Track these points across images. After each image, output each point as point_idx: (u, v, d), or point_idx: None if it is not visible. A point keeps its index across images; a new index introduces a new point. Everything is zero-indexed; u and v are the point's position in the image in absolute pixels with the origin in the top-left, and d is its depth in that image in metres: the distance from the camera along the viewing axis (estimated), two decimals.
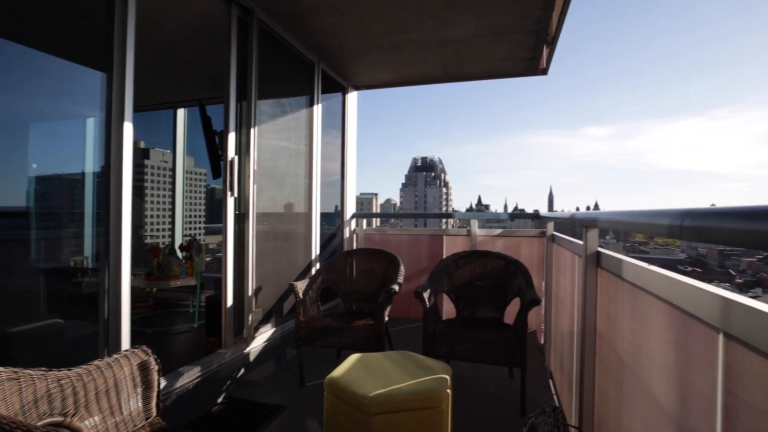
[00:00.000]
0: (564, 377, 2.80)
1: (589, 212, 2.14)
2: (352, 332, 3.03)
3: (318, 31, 3.73)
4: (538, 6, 3.31)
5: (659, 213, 1.23)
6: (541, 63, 4.55)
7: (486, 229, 4.75)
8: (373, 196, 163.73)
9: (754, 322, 0.84)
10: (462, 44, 4.04)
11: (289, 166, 3.93)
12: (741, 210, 0.81)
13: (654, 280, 1.38)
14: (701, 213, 0.98)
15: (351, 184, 5.12)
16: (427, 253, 4.91)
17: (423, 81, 5.09)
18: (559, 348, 3.18)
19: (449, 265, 3.44)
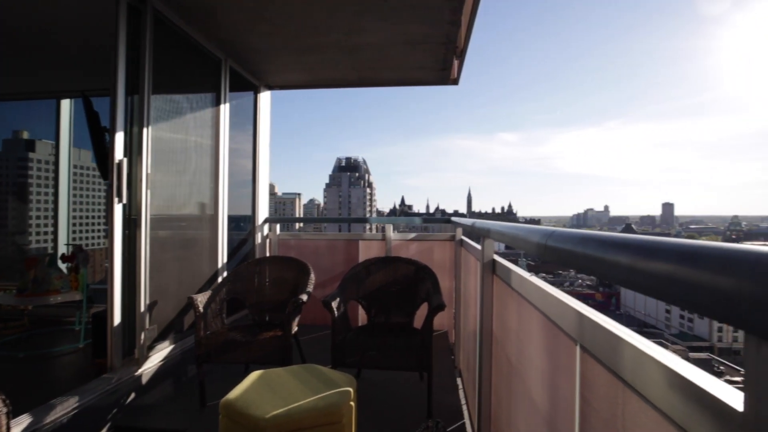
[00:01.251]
0: (470, 377, 2.93)
1: (485, 222, 2.25)
2: (259, 346, 2.89)
3: (224, 26, 3.52)
4: (446, 20, 3.43)
5: (533, 230, 1.31)
6: (452, 73, 4.75)
7: (400, 233, 4.84)
8: (297, 196, 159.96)
9: (599, 337, 0.92)
10: (377, 51, 4.06)
11: (192, 168, 3.66)
12: (595, 237, 0.88)
13: (532, 290, 1.47)
14: (560, 235, 1.06)
15: (263, 187, 4.92)
16: (343, 258, 4.87)
17: (339, 84, 5.05)
18: (466, 348, 3.32)
19: (360, 272, 3.43)
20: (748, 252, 0.43)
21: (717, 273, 0.46)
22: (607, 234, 0.81)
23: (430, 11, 3.29)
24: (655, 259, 0.59)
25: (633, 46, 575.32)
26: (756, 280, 0.40)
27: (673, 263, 0.54)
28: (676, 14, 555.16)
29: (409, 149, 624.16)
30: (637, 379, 0.75)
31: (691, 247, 0.54)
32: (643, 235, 0.68)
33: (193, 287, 3.58)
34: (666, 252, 0.58)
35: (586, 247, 0.88)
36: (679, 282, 0.52)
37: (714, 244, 0.51)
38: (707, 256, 0.49)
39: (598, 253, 0.79)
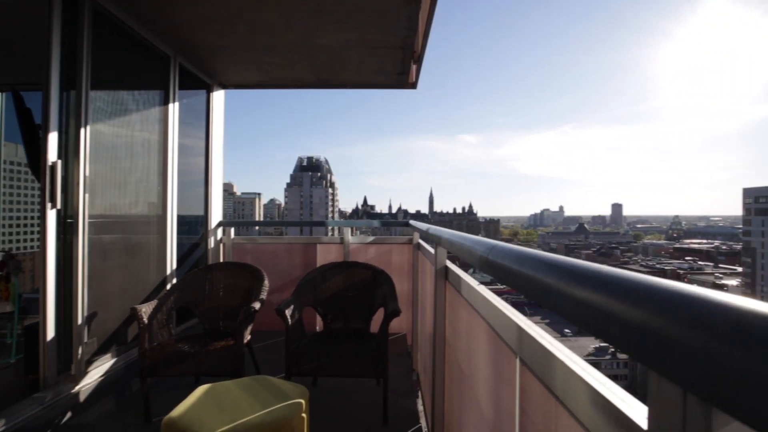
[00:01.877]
0: (426, 380, 2.95)
1: (438, 229, 2.27)
2: (209, 357, 2.78)
3: (172, 23, 3.37)
4: (403, 26, 3.44)
5: (478, 242, 1.33)
6: (411, 77, 4.78)
7: (359, 237, 4.82)
8: (256, 195, 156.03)
9: (536, 351, 0.94)
10: (335, 53, 4.02)
11: (138, 169, 3.47)
12: (531, 256, 0.89)
13: (479, 299, 1.50)
14: (500, 251, 1.07)
15: (217, 188, 4.75)
16: (300, 262, 4.79)
17: (296, 85, 4.96)
18: (424, 352, 3.35)
19: (316, 278, 3.38)
20: (659, 288, 0.44)
21: (627, 305, 0.47)
22: (544, 255, 0.82)
23: (387, 17, 3.28)
24: (577, 285, 0.60)
25: (582, 57, 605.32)
26: (664, 317, 0.41)
27: (591, 290, 0.56)
28: (621, 27, 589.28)
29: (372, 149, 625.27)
30: (567, 394, 0.77)
31: (608, 276, 0.55)
32: (583, 261, 0.69)
33: (138, 296, 3.40)
34: (587, 278, 0.60)
35: (522, 265, 0.89)
36: (593, 310, 0.53)
37: (631, 275, 0.52)
38: (620, 286, 0.51)
39: (531, 272, 0.81)
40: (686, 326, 0.37)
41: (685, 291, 0.41)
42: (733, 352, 0.32)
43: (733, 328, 0.33)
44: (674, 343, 0.38)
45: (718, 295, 0.38)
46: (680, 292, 0.41)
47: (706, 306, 0.37)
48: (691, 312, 0.37)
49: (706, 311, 0.36)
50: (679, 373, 0.38)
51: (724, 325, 0.34)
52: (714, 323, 0.35)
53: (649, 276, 0.50)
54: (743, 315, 0.33)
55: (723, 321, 0.34)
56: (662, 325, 0.40)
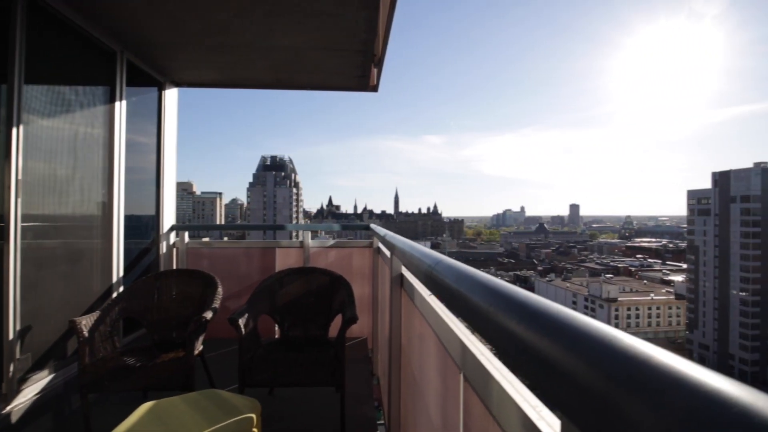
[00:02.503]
0: (385, 386, 2.94)
1: (394, 237, 2.26)
2: (157, 370, 2.64)
3: (117, 17, 3.19)
4: (362, 29, 3.42)
5: (426, 255, 1.32)
6: (372, 80, 4.76)
7: (320, 240, 4.76)
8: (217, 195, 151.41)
9: (477, 369, 0.94)
10: (293, 54, 3.94)
11: (81, 169, 3.26)
12: (469, 276, 0.89)
13: (429, 310, 1.50)
14: (444, 266, 1.07)
15: (169, 190, 4.55)
16: (259, 267, 4.66)
17: (254, 85, 4.83)
18: (383, 357, 3.34)
19: (272, 285, 3.30)
20: (575, 327, 0.44)
21: (548, 340, 0.47)
22: (480, 276, 0.81)
23: (345, 20, 3.25)
24: (506, 313, 0.60)
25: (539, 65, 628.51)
26: (571, 359, 0.40)
27: (515, 319, 0.55)
28: (574, 38, 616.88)
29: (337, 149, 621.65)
30: (501, 415, 0.77)
31: (536, 307, 0.54)
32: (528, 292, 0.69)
33: (80, 307, 3.19)
34: (515, 304, 0.59)
35: (460, 284, 0.89)
36: (516, 339, 0.52)
37: (560, 310, 0.51)
38: (545, 320, 0.50)
39: (466, 293, 0.80)
40: (587, 372, 0.37)
41: (596, 333, 0.41)
42: (628, 401, 0.32)
43: (629, 378, 0.33)
44: (577, 389, 0.37)
45: (623, 338, 0.38)
46: (592, 334, 0.41)
47: (608, 350, 0.36)
48: (593, 357, 0.37)
49: (606, 356, 0.36)
50: (578, 416, 0.38)
51: (620, 374, 0.33)
52: (613, 370, 0.34)
53: (573, 314, 0.49)
54: (641, 364, 0.33)
55: (621, 369, 0.34)
56: (569, 368, 0.40)
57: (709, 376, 0.30)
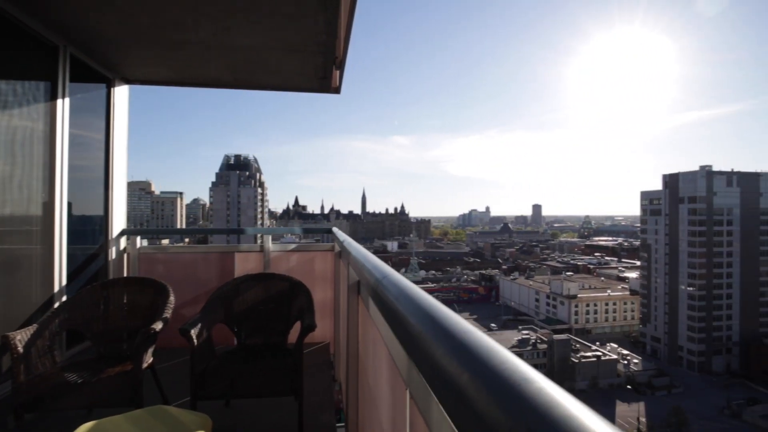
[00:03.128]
0: (345, 391, 2.90)
1: (351, 244, 2.24)
2: (102, 385, 2.50)
3: (59, 9, 3.00)
4: (322, 31, 3.36)
5: (376, 267, 1.30)
6: (334, 82, 4.71)
7: (280, 244, 4.66)
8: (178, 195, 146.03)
9: (420, 387, 0.92)
10: (252, 54, 3.84)
11: (17, 170, 3.05)
12: (410, 295, 0.87)
13: (381, 321, 1.48)
14: (389, 282, 1.06)
15: (119, 191, 4.31)
16: (216, 273, 4.51)
17: (212, 84, 4.68)
18: (343, 362, 3.30)
19: (229, 292, 3.19)
20: (499, 374, 0.42)
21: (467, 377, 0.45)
22: (420, 297, 0.80)
23: (304, 21, 3.19)
24: (434, 339, 0.58)
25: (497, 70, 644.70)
26: (494, 405, 0.39)
27: (442, 350, 0.54)
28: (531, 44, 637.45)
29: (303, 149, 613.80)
30: None
31: (465, 338, 0.53)
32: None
33: (15, 320, 2.97)
34: (444, 334, 0.58)
35: (400, 302, 0.87)
36: (438, 369, 0.51)
37: (490, 345, 0.50)
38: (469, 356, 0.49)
39: (404, 312, 0.79)
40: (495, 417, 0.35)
41: (516, 386, 0.39)
42: None
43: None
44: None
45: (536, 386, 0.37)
46: (514, 388, 0.40)
47: (524, 405, 0.35)
48: (510, 409, 0.36)
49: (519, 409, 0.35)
50: None
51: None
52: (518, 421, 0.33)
53: (500, 354, 0.48)
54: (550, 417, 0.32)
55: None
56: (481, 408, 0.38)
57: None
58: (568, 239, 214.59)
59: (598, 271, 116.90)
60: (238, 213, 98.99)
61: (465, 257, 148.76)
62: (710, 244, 68.76)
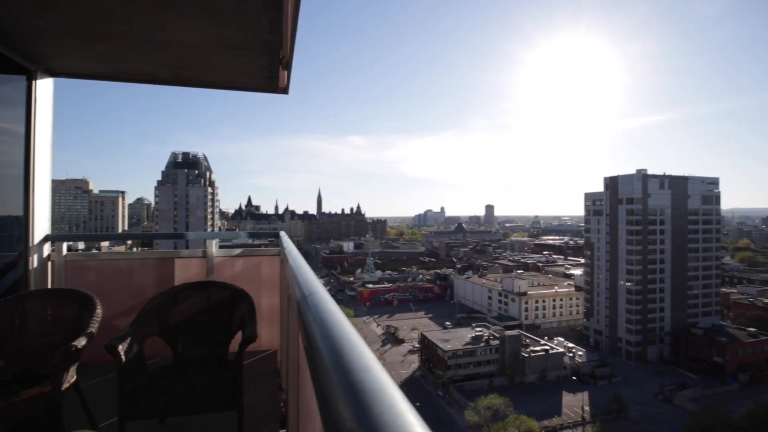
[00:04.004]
0: (288, 401, 2.82)
1: (291, 252, 2.17)
2: (15, 410, 2.27)
3: None
4: (265, 30, 3.25)
5: (306, 282, 1.25)
6: (281, 82, 4.58)
7: (225, 249, 4.46)
8: (119, 194, 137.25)
9: None
10: (191, 50, 3.65)
11: None
12: (318, 314, 0.84)
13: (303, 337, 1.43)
14: (311, 300, 1.02)
15: (42, 192, 3.92)
16: (155, 281, 4.24)
17: (149, 80, 4.41)
18: (290, 372, 3.20)
19: (164, 303, 3.01)
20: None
21: None
22: (333, 322, 0.77)
23: (246, 19, 3.07)
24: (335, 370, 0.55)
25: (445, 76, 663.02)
26: None
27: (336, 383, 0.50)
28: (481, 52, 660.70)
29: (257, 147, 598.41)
30: None
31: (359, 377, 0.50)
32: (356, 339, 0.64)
33: None
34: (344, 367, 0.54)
35: (314, 321, 0.83)
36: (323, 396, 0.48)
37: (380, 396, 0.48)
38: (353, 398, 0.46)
39: (312, 333, 0.76)
40: None
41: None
42: None
43: None
44: None
45: None
46: None
47: None
48: None
49: None
50: None
51: None
52: None
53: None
54: None
55: None
56: None
57: None
58: (518, 238, 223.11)
59: (547, 268, 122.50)
60: (186, 214, 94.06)
61: (420, 257, 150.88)
62: (645, 242, 73.98)
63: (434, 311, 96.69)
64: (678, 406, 52.72)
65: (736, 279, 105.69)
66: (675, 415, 48.76)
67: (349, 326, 0.73)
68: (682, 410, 50.42)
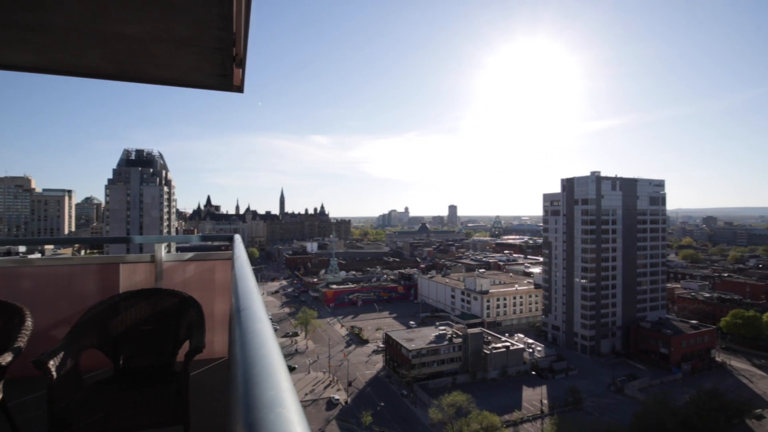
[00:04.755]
0: None
1: (240, 259, 2.09)
2: None
3: None
4: (216, 26, 3.12)
5: (244, 294, 1.19)
6: (235, 80, 4.42)
7: (175, 254, 4.26)
8: (65, 193, 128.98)
9: None
10: (138, 44, 3.45)
11: None
12: (246, 335, 0.79)
13: None
14: (247, 313, 0.96)
15: None
16: (97, 288, 3.99)
17: (92, 74, 4.12)
18: None
19: (104, 312, 2.82)
20: None
21: None
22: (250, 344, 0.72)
23: (195, 14, 2.94)
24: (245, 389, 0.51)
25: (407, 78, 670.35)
26: None
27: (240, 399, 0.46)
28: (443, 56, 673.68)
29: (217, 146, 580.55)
30: None
31: None
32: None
33: None
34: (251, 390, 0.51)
35: (241, 342, 0.79)
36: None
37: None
38: None
39: (237, 352, 0.72)
40: None
41: None
42: None
43: None
44: None
45: None
46: None
47: None
48: None
49: None
50: None
51: None
52: None
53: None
54: None
55: None
56: None
57: None
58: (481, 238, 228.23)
59: (507, 267, 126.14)
60: (140, 214, 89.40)
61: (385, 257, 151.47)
62: (599, 241, 77.58)
63: (398, 311, 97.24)
64: (629, 396, 55.67)
65: (680, 275, 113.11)
66: (626, 405, 51.41)
67: (274, 349, 0.68)
68: (632, 400, 53.27)
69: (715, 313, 78.77)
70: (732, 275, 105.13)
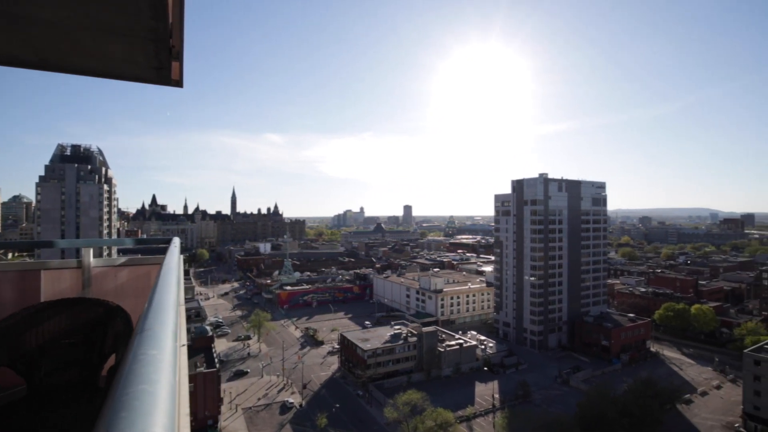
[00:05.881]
0: None
1: (170, 265, 1.95)
2: None
3: None
4: (147, 15, 2.92)
5: (153, 311, 1.10)
6: (173, 74, 4.19)
7: (106, 259, 3.96)
8: None
9: None
10: (60, 32, 3.18)
11: None
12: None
13: None
14: (147, 335, 0.88)
15: None
16: (14, 298, 3.62)
17: (9, 62, 3.74)
18: None
19: (17, 325, 2.54)
20: None
21: None
22: None
23: (122, 1, 2.73)
24: None
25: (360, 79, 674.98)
26: None
27: None
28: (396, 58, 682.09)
29: (163, 142, 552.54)
30: None
31: None
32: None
33: None
34: None
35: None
36: None
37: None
38: None
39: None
40: None
41: None
42: None
43: None
44: None
45: None
46: None
47: None
48: None
49: None
50: None
51: None
52: None
53: None
54: None
55: None
56: None
57: None
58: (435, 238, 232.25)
59: (461, 266, 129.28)
60: (76, 214, 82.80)
61: (340, 257, 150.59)
62: (546, 240, 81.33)
63: (354, 311, 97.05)
64: (574, 387, 58.84)
65: (619, 271, 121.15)
66: (571, 396, 54.25)
67: (164, 387, 0.61)
68: (577, 391, 56.32)
69: (649, 306, 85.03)
70: (664, 271, 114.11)
